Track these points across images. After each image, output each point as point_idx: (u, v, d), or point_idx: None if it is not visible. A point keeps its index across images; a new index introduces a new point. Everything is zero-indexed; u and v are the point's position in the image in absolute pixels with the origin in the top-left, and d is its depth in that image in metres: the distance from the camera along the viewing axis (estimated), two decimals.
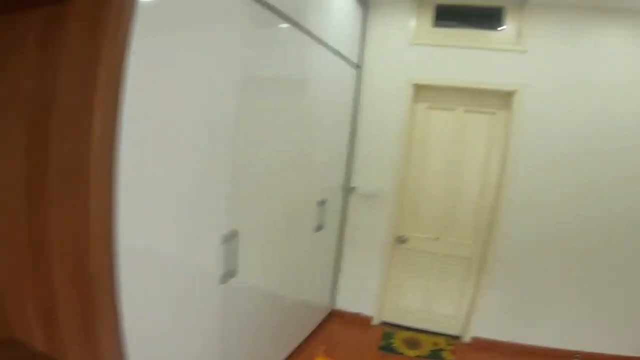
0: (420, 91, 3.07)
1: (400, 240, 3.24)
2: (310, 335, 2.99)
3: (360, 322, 3.35)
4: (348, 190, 3.26)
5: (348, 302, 3.42)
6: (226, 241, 1.66)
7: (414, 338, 3.17)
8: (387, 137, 3.13)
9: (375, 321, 3.35)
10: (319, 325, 3.19)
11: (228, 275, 1.71)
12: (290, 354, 2.66)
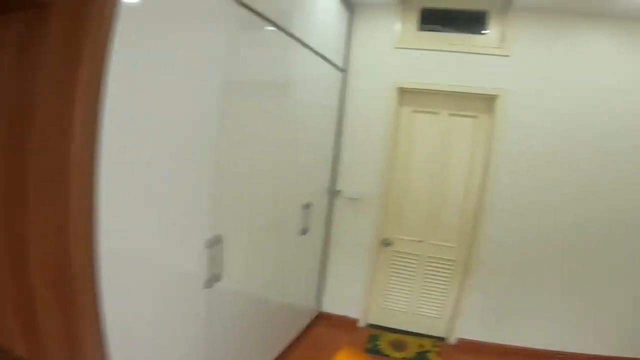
0: (405, 95, 3.09)
1: (385, 242, 3.26)
2: (296, 338, 2.99)
3: (346, 325, 3.35)
4: (333, 193, 3.27)
5: (334, 305, 3.42)
6: (210, 246, 1.65)
7: (400, 340, 3.19)
8: (372, 141, 3.14)
9: (361, 323, 3.36)
10: (306, 328, 3.18)
11: (212, 279, 1.70)
12: (276, 357, 2.66)
